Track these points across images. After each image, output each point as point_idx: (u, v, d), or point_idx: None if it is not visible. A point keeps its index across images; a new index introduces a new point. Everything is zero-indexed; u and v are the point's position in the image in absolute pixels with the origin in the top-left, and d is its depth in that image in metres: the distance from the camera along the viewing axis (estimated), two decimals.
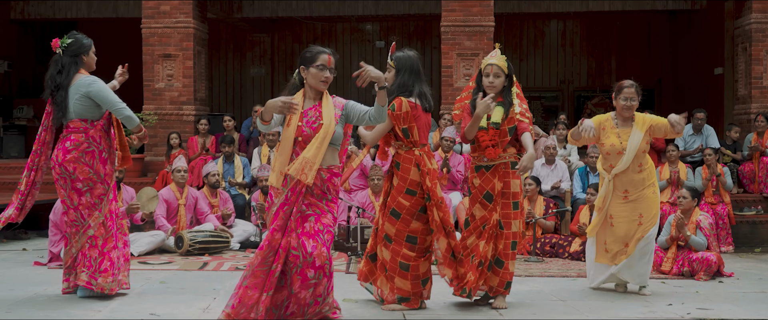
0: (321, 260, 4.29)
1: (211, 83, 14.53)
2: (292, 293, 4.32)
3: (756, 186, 9.51)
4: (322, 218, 4.38)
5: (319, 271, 4.29)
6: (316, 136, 4.34)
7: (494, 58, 5.23)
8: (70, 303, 5.31)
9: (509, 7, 12.96)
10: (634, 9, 13.25)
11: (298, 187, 4.32)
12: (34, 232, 9.33)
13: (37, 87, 14.25)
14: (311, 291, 4.32)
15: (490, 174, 5.15)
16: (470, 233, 5.19)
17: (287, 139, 4.37)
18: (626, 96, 5.72)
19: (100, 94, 5.33)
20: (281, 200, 4.35)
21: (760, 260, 8.12)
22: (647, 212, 5.74)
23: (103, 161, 5.38)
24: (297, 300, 4.33)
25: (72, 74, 5.38)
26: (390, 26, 15.80)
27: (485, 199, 5.15)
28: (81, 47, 5.46)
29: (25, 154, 12.68)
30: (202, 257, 7.72)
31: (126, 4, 12.89)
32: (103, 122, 5.40)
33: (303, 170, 4.27)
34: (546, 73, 15.87)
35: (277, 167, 4.37)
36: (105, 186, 5.39)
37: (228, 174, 9.52)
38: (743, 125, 10.43)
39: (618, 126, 5.76)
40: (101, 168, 5.36)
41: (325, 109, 4.43)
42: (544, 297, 5.74)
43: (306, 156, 4.28)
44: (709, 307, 5.46)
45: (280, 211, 4.34)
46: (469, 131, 5.15)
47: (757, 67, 10.39)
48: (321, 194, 4.40)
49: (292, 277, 4.31)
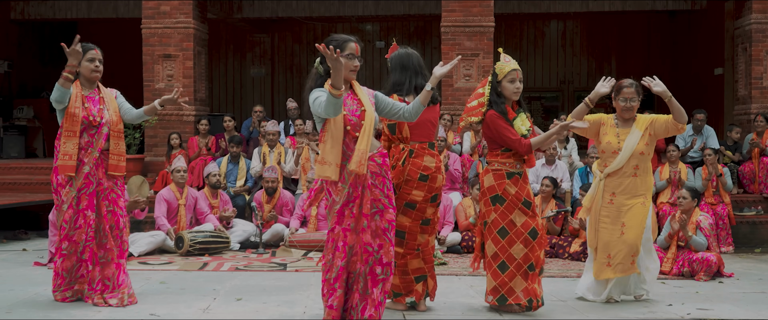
0: (388, 257, 4.34)
1: (211, 83, 14.54)
2: (368, 294, 4.33)
3: (756, 187, 9.51)
4: (385, 215, 4.39)
5: (387, 268, 4.34)
6: (364, 126, 4.30)
7: (513, 62, 5.07)
8: (69, 303, 5.31)
9: (509, 8, 12.96)
10: (634, 9, 13.26)
11: (360, 180, 4.31)
12: (34, 232, 9.33)
13: (37, 87, 14.27)
14: (380, 288, 4.34)
15: (523, 181, 5.04)
16: (514, 242, 4.98)
17: (338, 129, 4.29)
18: (626, 97, 5.47)
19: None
20: (344, 198, 4.31)
21: (760, 260, 8.12)
22: (631, 221, 5.40)
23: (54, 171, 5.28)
24: (372, 302, 4.32)
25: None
26: (390, 26, 15.81)
27: (525, 206, 5.00)
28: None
29: (26, 154, 12.69)
30: (202, 257, 7.72)
31: (126, 4, 12.90)
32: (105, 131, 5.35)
33: (361, 162, 4.23)
34: (546, 74, 15.88)
35: (332, 159, 4.27)
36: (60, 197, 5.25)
37: (232, 174, 9.52)
38: (743, 126, 10.43)
39: (618, 126, 5.54)
40: (54, 178, 5.27)
41: (362, 97, 4.41)
42: (544, 297, 5.73)
43: (360, 148, 4.25)
44: (709, 307, 5.46)
45: (346, 209, 4.31)
46: (538, 143, 5.01)
47: (757, 68, 10.39)
48: (382, 182, 4.39)
49: (366, 276, 4.33)
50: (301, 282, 6.36)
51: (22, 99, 13.69)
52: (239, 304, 5.40)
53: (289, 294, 5.76)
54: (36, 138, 13.51)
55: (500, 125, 4.96)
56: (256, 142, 10.34)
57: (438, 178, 4.99)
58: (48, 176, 10.18)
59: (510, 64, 5.05)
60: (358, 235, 4.31)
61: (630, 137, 5.45)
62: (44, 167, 10.54)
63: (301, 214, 8.69)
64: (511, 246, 4.97)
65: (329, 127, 4.30)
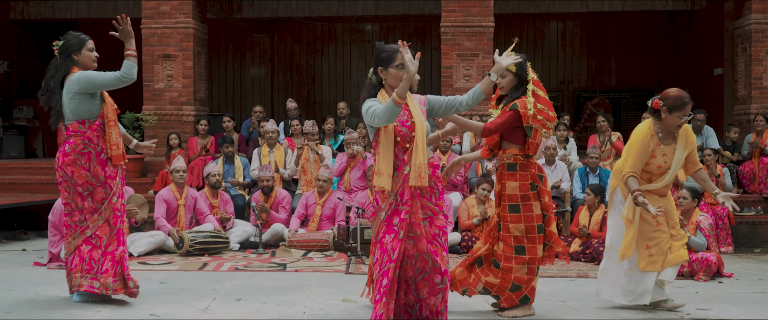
0: (445, 264, 4.31)
1: (211, 83, 14.53)
2: (421, 298, 4.32)
3: (756, 186, 9.51)
4: (435, 221, 4.35)
5: (445, 276, 4.31)
6: (416, 138, 4.28)
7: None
8: (69, 303, 5.31)
9: (509, 8, 12.97)
10: (633, 9, 13.26)
11: (410, 191, 4.28)
12: (33, 232, 9.33)
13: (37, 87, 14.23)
14: (440, 297, 4.31)
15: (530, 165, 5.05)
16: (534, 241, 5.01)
17: (389, 140, 4.30)
18: (684, 114, 5.07)
19: (89, 81, 5.14)
20: (393, 207, 4.27)
21: (759, 260, 8.12)
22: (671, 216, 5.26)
23: (101, 163, 5.22)
24: (428, 306, 4.32)
25: (59, 75, 5.23)
26: (390, 27, 15.81)
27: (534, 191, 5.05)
28: (70, 46, 5.27)
29: (25, 154, 12.70)
30: (202, 257, 7.72)
31: (126, 4, 12.89)
32: (99, 122, 5.26)
33: (420, 175, 4.24)
34: (546, 74, 15.85)
35: (385, 169, 4.28)
36: (106, 190, 5.23)
37: (228, 175, 9.52)
38: (743, 126, 10.43)
39: (662, 142, 5.15)
40: (100, 171, 5.20)
41: (413, 107, 4.37)
42: (544, 297, 5.74)
43: (417, 163, 4.25)
44: (708, 308, 5.46)
45: (396, 217, 4.26)
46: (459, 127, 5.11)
47: (757, 68, 10.39)
48: (430, 191, 4.36)
49: (418, 283, 4.29)
50: (301, 282, 6.36)
51: (22, 99, 13.69)
52: (239, 304, 5.40)
53: (289, 294, 5.76)
54: (36, 138, 13.52)
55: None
56: (256, 143, 10.34)
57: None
58: (47, 176, 10.19)
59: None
60: (413, 243, 4.28)
61: (677, 156, 5.17)
62: (44, 167, 10.54)
63: (302, 214, 8.68)
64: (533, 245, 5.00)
65: (381, 138, 4.31)
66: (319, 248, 8.18)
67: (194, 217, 8.38)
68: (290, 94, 15.19)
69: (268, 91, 16.17)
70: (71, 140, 5.23)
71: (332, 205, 8.60)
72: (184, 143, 10.27)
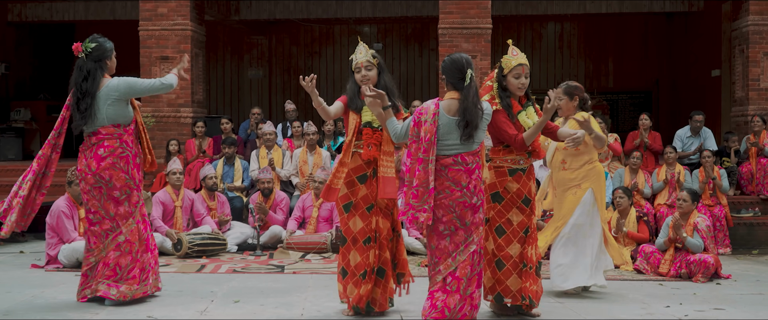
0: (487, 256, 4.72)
1: (209, 85, 14.53)
2: (467, 295, 4.50)
3: (753, 187, 9.51)
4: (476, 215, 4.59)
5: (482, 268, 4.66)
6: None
7: (521, 56, 4.97)
8: (67, 305, 5.31)
9: (506, 9, 12.97)
10: (631, 11, 13.27)
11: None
12: (31, 235, 9.31)
13: (35, 89, 14.25)
14: (480, 291, 4.61)
15: (527, 177, 4.97)
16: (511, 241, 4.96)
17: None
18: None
19: (131, 87, 5.33)
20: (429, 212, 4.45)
21: (757, 262, 8.13)
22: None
23: (136, 167, 5.38)
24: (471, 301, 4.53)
25: (98, 80, 5.31)
26: (387, 28, 15.80)
27: (523, 204, 4.96)
28: (104, 52, 5.40)
29: (23, 156, 12.67)
30: (200, 259, 7.71)
31: (123, 6, 12.88)
32: (133, 127, 5.40)
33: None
34: (543, 75, 15.87)
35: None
36: (139, 193, 5.39)
37: (228, 176, 9.51)
38: (740, 127, 10.43)
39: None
40: (136, 174, 5.37)
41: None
42: (543, 297, 5.72)
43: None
44: (706, 309, 5.47)
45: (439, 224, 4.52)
46: (530, 137, 4.87)
47: (755, 70, 10.39)
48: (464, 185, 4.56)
49: (469, 279, 4.51)
50: (299, 284, 6.36)
51: (19, 101, 13.67)
52: (237, 306, 5.39)
53: (287, 296, 5.76)
54: (33, 140, 13.49)
55: (500, 120, 4.89)
56: (254, 144, 10.33)
57: None
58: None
59: (517, 59, 4.95)
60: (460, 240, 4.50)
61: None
62: None
63: (299, 215, 8.68)
64: (508, 245, 4.96)
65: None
66: (317, 250, 8.18)
67: (191, 219, 8.37)
68: (288, 96, 15.18)
69: (265, 93, 16.17)
70: (106, 143, 5.28)
71: (329, 207, 8.60)
72: (182, 145, 10.25)
